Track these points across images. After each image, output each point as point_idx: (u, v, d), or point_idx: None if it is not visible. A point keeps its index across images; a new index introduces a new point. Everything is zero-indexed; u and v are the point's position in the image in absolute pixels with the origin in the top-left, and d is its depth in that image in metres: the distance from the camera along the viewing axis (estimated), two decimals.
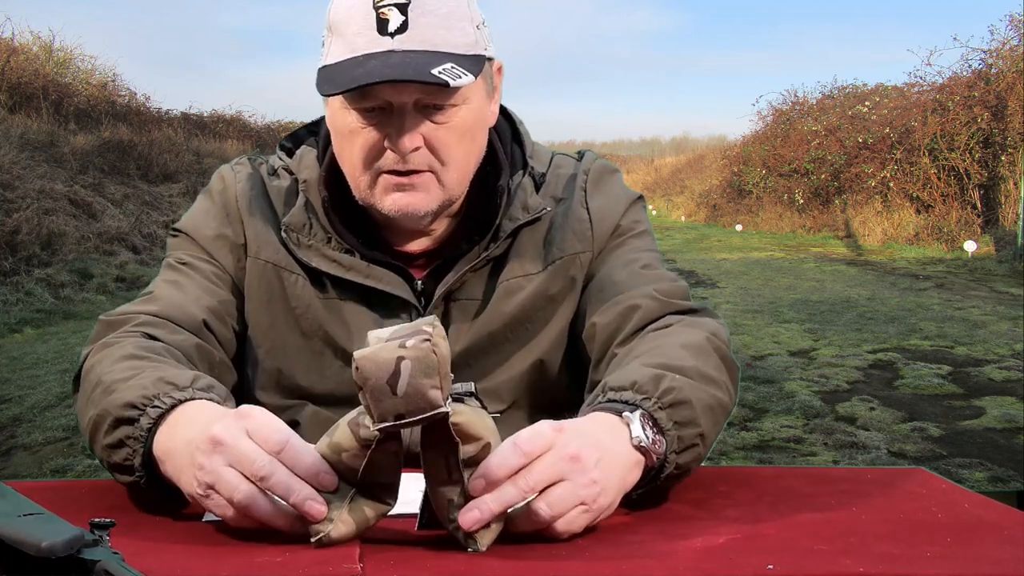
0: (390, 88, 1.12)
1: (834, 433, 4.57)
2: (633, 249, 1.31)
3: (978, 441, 4.48)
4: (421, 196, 1.18)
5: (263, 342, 1.28)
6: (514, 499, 0.86)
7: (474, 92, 1.19)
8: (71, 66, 17.26)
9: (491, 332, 1.26)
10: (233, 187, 1.31)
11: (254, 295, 1.28)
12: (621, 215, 1.32)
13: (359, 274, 1.24)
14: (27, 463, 4.31)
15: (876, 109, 18.53)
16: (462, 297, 1.26)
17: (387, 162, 1.17)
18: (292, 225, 1.25)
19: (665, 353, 1.10)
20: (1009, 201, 14.56)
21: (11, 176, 10.70)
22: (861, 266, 13.20)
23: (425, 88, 1.13)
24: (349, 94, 1.14)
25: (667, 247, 17.00)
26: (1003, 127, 15.22)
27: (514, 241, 1.28)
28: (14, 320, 8.06)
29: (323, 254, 1.24)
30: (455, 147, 1.18)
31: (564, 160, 1.36)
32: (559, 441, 0.88)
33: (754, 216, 21.63)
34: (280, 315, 1.27)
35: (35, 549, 0.65)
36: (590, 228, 1.30)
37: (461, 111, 1.18)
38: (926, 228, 15.40)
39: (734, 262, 13.91)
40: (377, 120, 1.16)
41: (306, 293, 1.26)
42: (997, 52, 15.87)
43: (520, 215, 1.26)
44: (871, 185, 17.15)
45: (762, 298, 9.67)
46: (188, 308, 1.22)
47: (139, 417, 0.98)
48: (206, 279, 1.27)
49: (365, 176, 1.19)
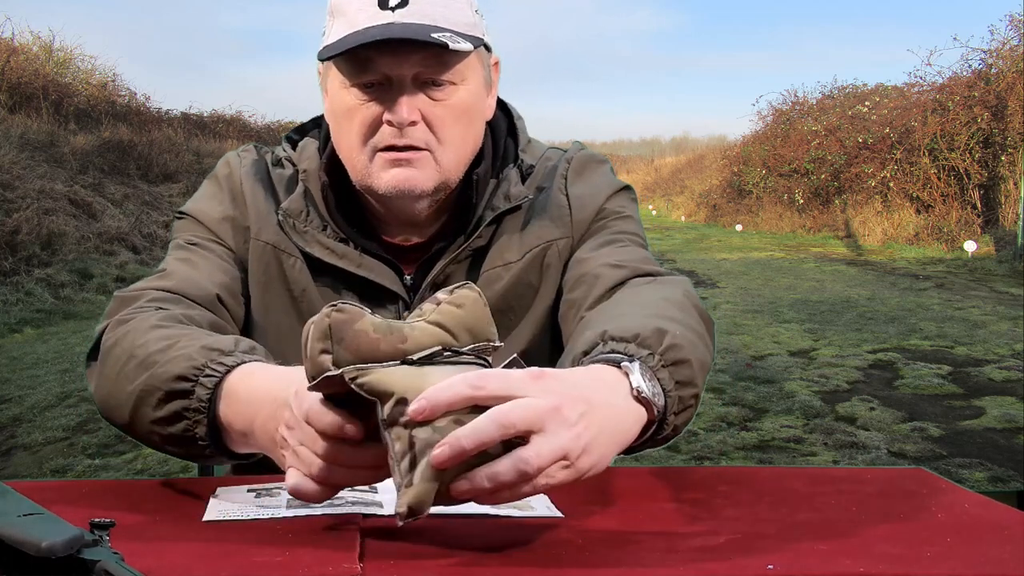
0: (390, 59, 1.14)
1: (834, 433, 4.57)
2: (612, 231, 1.30)
3: (978, 441, 4.48)
4: (418, 173, 1.20)
5: (260, 322, 1.30)
6: (491, 435, 0.78)
7: (472, 75, 1.21)
8: (71, 66, 17.27)
9: None
10: (238, 171, 1.33)
11: (254, 275, 1.29)
12: (604, 200, 1.32)
13: (351, 263, 1.26)
14: (27, 463, 4.31)
15: (876, 109, 18.53)
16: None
17: (384, 137, 1.18)
18: (290, 211, 1.27)
19: (654, 305, 1.08)
20: (1009, 201, 14.56)
21: (11, 176, 10.70)
22: (861, 266, 13.20)
23: (424, 60, 1.15)
24: (349, 69, 1.17)
25: (667, 247, 17.01)
26: (1003, 127, 15.22)
27: (496, 231, 1.29)
28: (14, 320, 8.07)
29: (318, 240, 1.26)
30: (452, 126, 1.20)
31: (554, 152, 1.37)
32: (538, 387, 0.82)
33: (754, 216, 21.63)
34: (277, 297, 1.29)
35: (35, 549, 0.65)
36: (569, 214, 1.30)
37: (460, 91, 1.19)
38: (926, 228, 15.40)
39: (734, 262, 13.91)
40: (375, 96, 1.18)
41: (303, 276, 1.28)
42: (997, 52, 15.88)
43: (501, 204, 1.27)
44: (871, 185, 17.15)
45: (762, 298, 9.67)
46: (202, 283, 1.23)
47: (193, 388, 0.99)
48: (217, 257, 1.28)
49: (363, 154, 1.21)
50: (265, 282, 1.29)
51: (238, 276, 1.29)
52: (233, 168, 1.34)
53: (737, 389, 5.52)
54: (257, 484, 1.12)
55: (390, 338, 0.85)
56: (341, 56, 1.15)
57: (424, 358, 0.86)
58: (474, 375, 0.82)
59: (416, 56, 1.15)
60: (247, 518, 0.99)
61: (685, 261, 14.21)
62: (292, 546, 0.87)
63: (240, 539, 0.90)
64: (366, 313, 0.87)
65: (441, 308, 0.88)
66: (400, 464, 0.82)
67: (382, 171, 1.20)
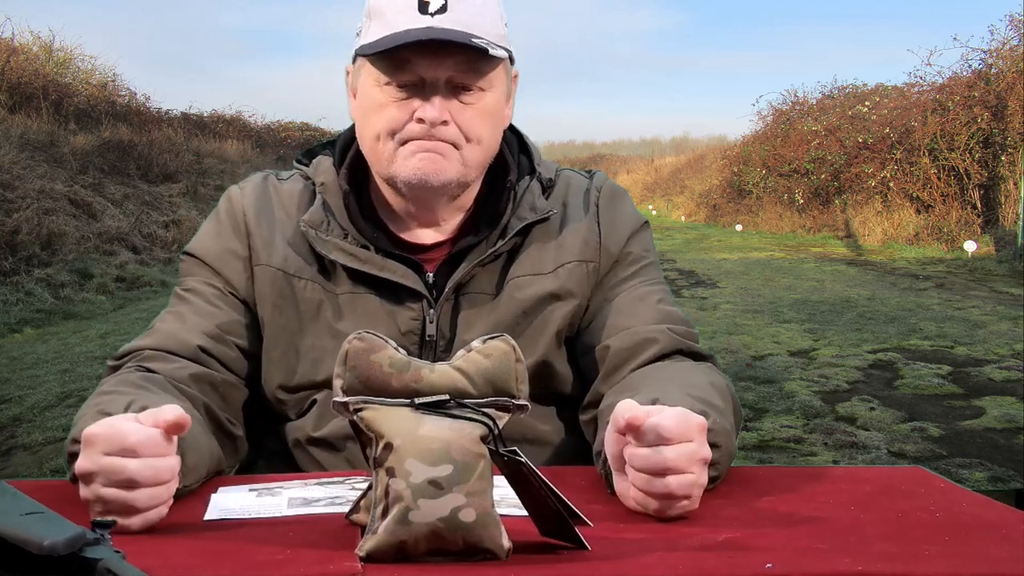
0: (428, 61, 1.19)
1: (834, 433, 4.57)
2: (648, 280, 1.36)
3: (978, 441, 4.48)
4: (443, 162, 1.24)
5: (278, 343, 1.32)
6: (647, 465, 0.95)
7: (499, 82, 1.27)
8: (71, 66, 17.26)
9: (500, 325, 1.29)
10: (240, 202, 1.36)
11: (266, 300, 1.32)
12: (630, 236, 1.37)
13: (374, 266, 1.28)
14: (27, 463, 4.31)
15: (876, 109, 18.52)
16: (472, 291, 1.30)
17: (413, 132, 1.23)
18: (311, 222, 1.31)
19: (700, 388, 1.14)
20: (1009, 201, 14.56)
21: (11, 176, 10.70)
22: (861, 266, 13.20)
23: (459, 64, 1.20)
24: (386, 67, 1.21)
25: (667, 247, 17.01)
26: (1003, 127, 15.21)
27: (523, 240, 1.32)
28: (14, 320, 8.06)
29: (340, 247, 1.29)
30: (479, 128, 1.25)
31: (573, 174, 1.42)
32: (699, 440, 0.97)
33: (754, 216, 21.63)
34: (292, 319, 1.31)
35: (37, 548, 0.65)
36: (599, 241, 1.35)
37: (488, 96, 1.25)
38: (926, 228, 15.40)
39: (734, 262, 13.90)
40: (407, 96, 1.22)
41: (315, 296, 1.30)
42: (997, 52, 15.87)
43: (528, 215, 1.31)
44: (871, 185, 17.15)
45: (762, 298, 9.67)
46: (183, 337, 1.28)
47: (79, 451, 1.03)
48: (208, 303, 1.32)
49: (388, 145, 1.25)
50: (279, 305, 1.31)
51: (233, 316, 1.32)
52: (234, 201, 1.37)
53: (737, 389, 5.46)
54: (258, 483, 1.13)
55: (404, 375, 0.85)
56: (379, 56, 1.20)
57: (427, 404, 0.85)
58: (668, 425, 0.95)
59: (451, 60, 1.20)
60: (248, 517, 0.99)
61: (685, 261, 14.21)
62: (292, 545, 0.88)
63: (241, 538, 0.91)
64: (388, 346, 0.86)
65: (469, 355, 0.88)
66: (376, 508, 0.84)
67: (408, 159, 1.24)
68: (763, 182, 21.82)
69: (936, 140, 15.77)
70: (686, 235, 20.56)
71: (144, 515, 0.94)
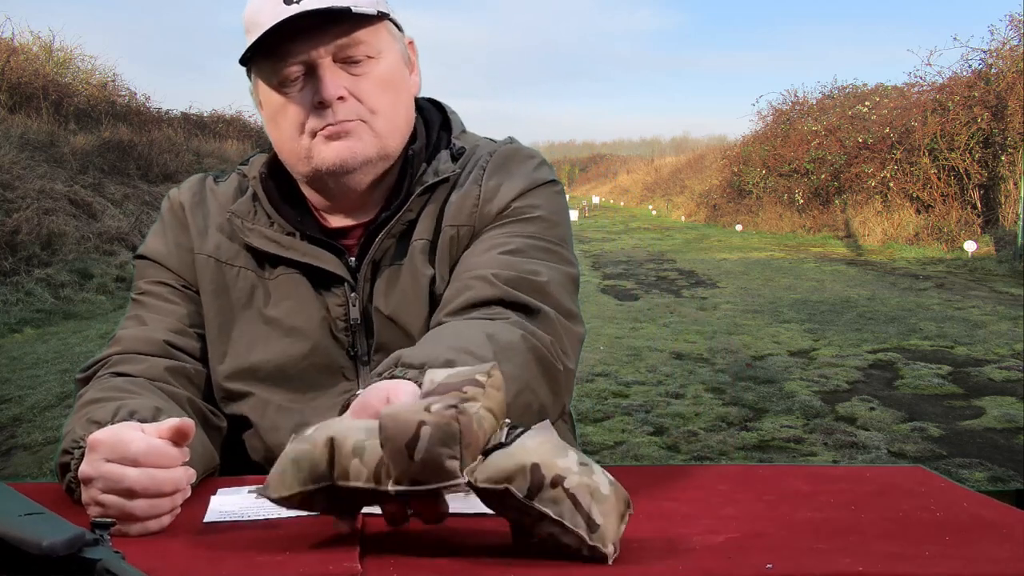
0: (304, 45, 1.21)
1: (834, 433, 4.57)
2: (509, 233, 1.28)
3: (978, 441, 4.49)
4: (356, 142, 1.26)
5: (217, 331, 1.34)
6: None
7: (387, 48, 1.28)
8: (71, 66, 17.27)
9: (406, 292, 1.28)
10: (177, 199, 1.41)
11: (205, 289, 1.35)
12: (514, 197, 1.30)
13: (297, 252, 1.30)
14: (27, 463, 4.31)
15: (876, 109, 18.53)
16: (386, 264, 1.30)
17: (319, 120, 1.24)
18: (238, 212, 1.34)
19: (470, 339, 1.08)
20: (1009, 201, 14.56)
21: (11, 176, 10.71)
22: (861, 266, 13.20)
23: (336, 37, 1.22)
24: (271, 65, 1.24)
25: (667, 247, 17.02)
26: (1003, 127, 15.21)
27: (425, 204, 1.31)
28: (14, 320, 8.07)
29: (265, 235, 1.32)
30: (379, 96, 1.26)
31: (488, 143, 1.39)
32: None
33: (754, 216, 21.63)
34: (226, 305, 1.34)
35: (36, 548, 0.65)
36: (477, 205, 1.30)
37: (380, 64, 1.26)
38: (926, 228, 15.40)
39: (734, 262, 13.91)
40: (301, 86, 1.24)
41: (246, 283, 1.33)
42: (997, 52, 15.88)
43: (430, 179, 1.31)
44: (871, 185, 17.15)
45: (762, 298, 9.68)
46: (149, 335, 1.31)
47: (71, 462, 1.06)
48: (164, 301, 1.35)
49: (301, 142, 1.26)
50: (214, 291, 1.34)
51: (189, 307, 1.35)
52: (172, 199, 1.41)
53: (737, 389, 5.52)
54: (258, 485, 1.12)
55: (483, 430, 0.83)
56: (263, 57, 1.23)
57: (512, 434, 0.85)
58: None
59: (328, 36, 1.22)
60: (248, 518, 0.99)
61: (685, 261, 14.22)
62: (292, 546, 0.88)
63: (241, 539, 0.91)
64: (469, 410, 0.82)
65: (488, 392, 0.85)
66: (575, 519, 0.81)
67: (322, 148, 1.25)
68: (763, 182, 21.82)
69: (936, 140, 15.77)
70: (686, 235, 20.57)
71: (143, 524, 0.94)
